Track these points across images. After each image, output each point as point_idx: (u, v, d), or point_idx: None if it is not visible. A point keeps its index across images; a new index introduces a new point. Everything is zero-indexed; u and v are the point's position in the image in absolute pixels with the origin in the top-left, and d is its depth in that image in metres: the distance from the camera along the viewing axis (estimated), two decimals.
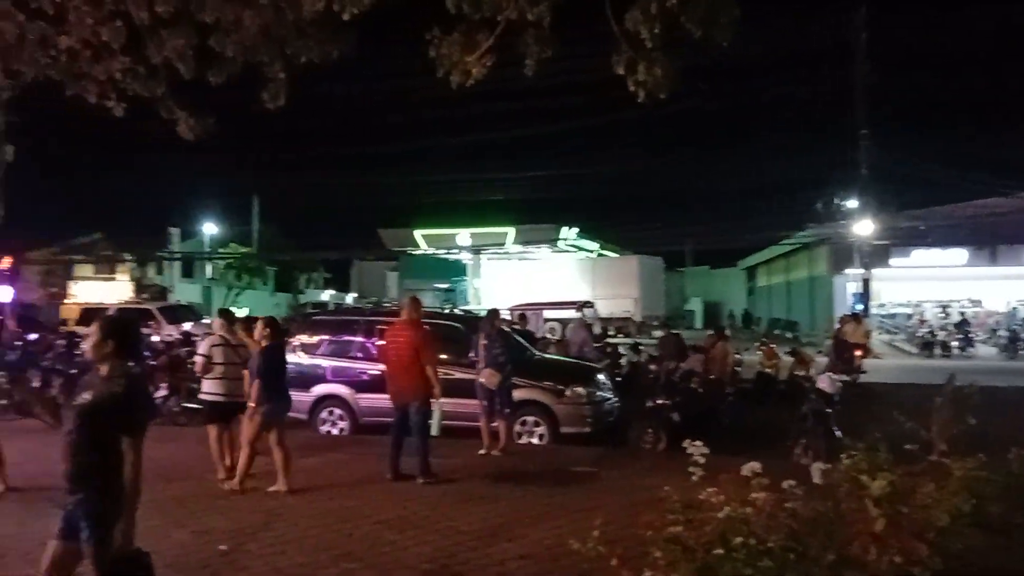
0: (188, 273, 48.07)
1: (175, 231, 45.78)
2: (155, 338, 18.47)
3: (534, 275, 35.72)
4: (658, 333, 24.14)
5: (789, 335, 32.87)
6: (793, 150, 36.67)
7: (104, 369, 3.89)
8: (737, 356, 15.08)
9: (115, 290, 38.12)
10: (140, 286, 40.51)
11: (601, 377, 11.35)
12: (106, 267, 43.55)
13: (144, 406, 4.20)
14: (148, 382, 12.04)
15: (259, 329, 7.91)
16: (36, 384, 13.27)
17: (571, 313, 25.45)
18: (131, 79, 8.18)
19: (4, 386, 12.19)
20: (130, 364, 3.93)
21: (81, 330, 21.37)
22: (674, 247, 43.10)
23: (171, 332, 20.59)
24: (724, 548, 3.55)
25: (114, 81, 8.20)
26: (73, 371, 13.16)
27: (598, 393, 10.80)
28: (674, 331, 18.20)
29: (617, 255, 41.21)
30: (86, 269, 43.26)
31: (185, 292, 42.27)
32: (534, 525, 6.49)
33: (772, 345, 16.39)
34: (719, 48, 5.23)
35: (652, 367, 13.47)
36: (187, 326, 22.08)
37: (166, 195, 69.60)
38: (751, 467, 3.80)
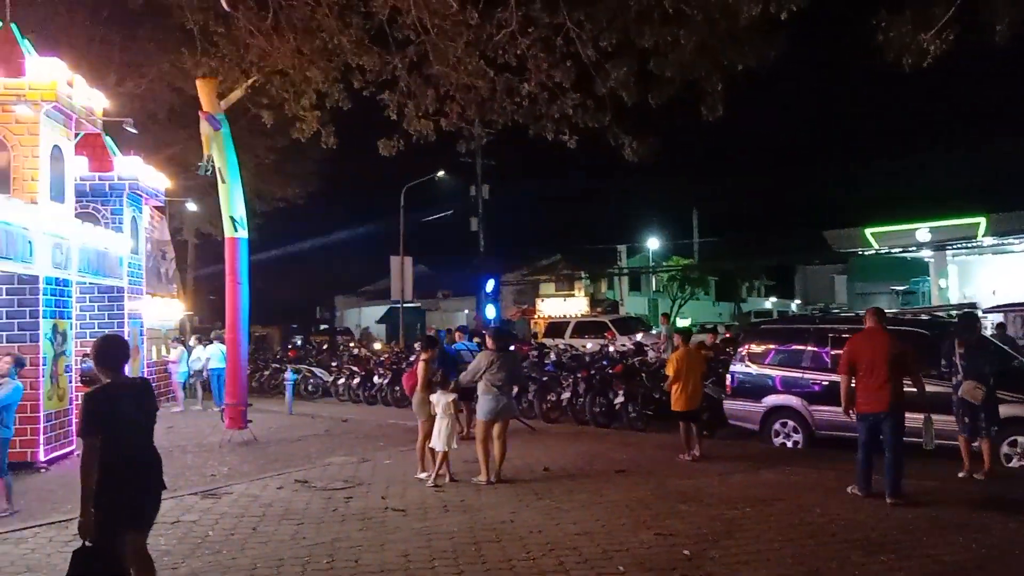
0: (635, 287, 51.02)
1: (622, 248, 49.15)
2: (610, 348, 20.01)
3: (1017, 270, 30.59)
4: None
5: None
6: None
7: None
8: None
9: (573, 305, 42.13)
10: (594, 301, 44.31)
11: None
12: (565, 285, 48.29)
13: None
14: (607, 388, 13.03)
15: None
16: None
17: None
18: (581, 113, 9.17)
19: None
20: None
21: (548, 342, 24.12)
22: None
23: (624, 342, 22.08)
24: None
25: (567, 117, 9.27)
26: (544, 379, 14.75)
27: None
28: None
29: None
30: (549, 287, 48.52)
31: (633, 304, 44.96)
32: None
33: None
34: None
35: None
36: (638, 336, 23.53)
37: (614, 215, 75.15)
38: None
